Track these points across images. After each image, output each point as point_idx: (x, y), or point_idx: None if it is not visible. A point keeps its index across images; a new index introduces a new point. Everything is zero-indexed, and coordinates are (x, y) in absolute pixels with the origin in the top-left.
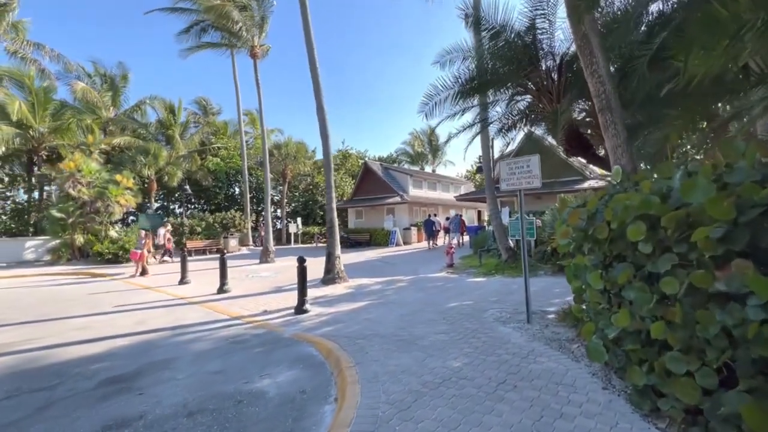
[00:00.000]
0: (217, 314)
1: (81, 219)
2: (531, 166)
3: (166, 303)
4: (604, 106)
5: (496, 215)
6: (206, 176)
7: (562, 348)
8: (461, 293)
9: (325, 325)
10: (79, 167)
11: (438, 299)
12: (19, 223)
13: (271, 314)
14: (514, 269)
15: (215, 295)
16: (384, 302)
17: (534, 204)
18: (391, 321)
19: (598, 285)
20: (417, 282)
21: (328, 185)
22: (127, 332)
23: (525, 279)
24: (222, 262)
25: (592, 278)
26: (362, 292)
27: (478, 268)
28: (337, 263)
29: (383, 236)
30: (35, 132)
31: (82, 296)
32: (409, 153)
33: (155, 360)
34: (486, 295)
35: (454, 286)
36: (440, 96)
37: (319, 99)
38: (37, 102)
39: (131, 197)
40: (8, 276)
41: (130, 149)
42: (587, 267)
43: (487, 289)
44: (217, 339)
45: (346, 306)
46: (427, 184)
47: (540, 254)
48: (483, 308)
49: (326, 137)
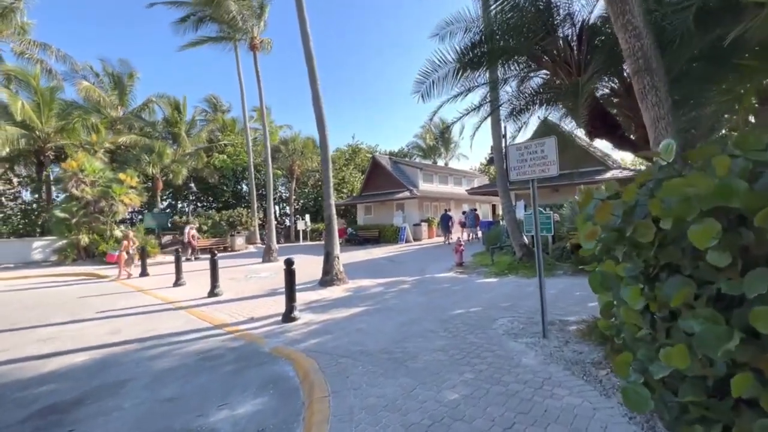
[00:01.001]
0: (199, 322)
1: (85, 219)
2: (546, 151)
3: (150, 308)
4: (641, 67)
5: (509, 209)
6: (212, 174)
7: (586, 375)
8: (468, 297)
9: (312, 336)
10: (82, 166)
11: (442, 304)
12: (27, 223)
13: (257, 322)
14: (529, 269)
15: (205, 299)
16: (382, 308)
17: (550, 197)
18: (385, 332)
19: (637, 303)
20: (422, 283)
21: (325, 179)
22: (94, 345)
23: (540, 284)
24: (213, 264)
25: (629, 294)
26: (360, 296)
27: (489, 267)
28: (336, 263)
29: (392, 233)
30: (41, 132)
31: (71, 300)
32: (421, 147)
33: (108, 382)
34: (496, 299)
35: (462, 289)
36: (439, 73)
37: (315, 88)
38: (43, 102)
39: (135, 196)
40: (8, 278)
41: (135, 148)
42: (621, 278)
43: (498, 292)
44: (186, 354)
45: (340, 312)
46: (438, 178)
47: (558, 252)
48: (492, 316)
49: (323, 127)
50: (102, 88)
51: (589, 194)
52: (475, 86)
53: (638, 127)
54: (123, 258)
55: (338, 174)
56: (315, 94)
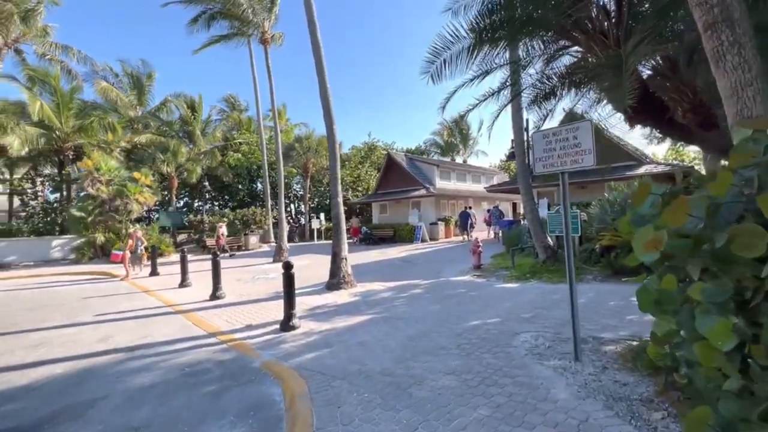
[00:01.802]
0: (195, 329)
1: (100, 218)
2: (580, 138)
3: (149, 312)
4: (717, 18)
5: (531, 207)
6: (227, 172)
7: (635, 417)
8: (487, 305)
9: (309, 349)
10: (98, 166)
11: (456, 313)
12: (47, 222)
13: (254, 330)
14: (554, 273)
15: (206, 302)
16: (389, 317)
17: (577, 194)
18: (389, 348)
19: (726, 342)
20: (436, 288)
21: (332, 174)
22: (80, 353)
23: (571, 293)
24: (215, 265)
25: (712, 328)
26: (368, 302)
27: (509, 270)
28: (344, 265)
29: (408, 232)
30: (60, 132)
31: (74, 301)
32: (439, 144)
33: (79, 400)
34: (518, 308)
35: (479, 295)
36: (452, 50)
37: (322, 78)
38: (62, 102)
39: (150, 195)
40: (22, 276)
41: (150, 147)
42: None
43: (521, 299)
44: (171, 368)
45: (344, 321)
46: (456, 175)
47: (586, 254)
48: (513, 330)
49: (330, 120)
50: (121, 88)
51: (646, 189)
52: (494, 68)
53: (687, 111)
54: (127, 257)
55: (353, 172)
56: (322, 85)
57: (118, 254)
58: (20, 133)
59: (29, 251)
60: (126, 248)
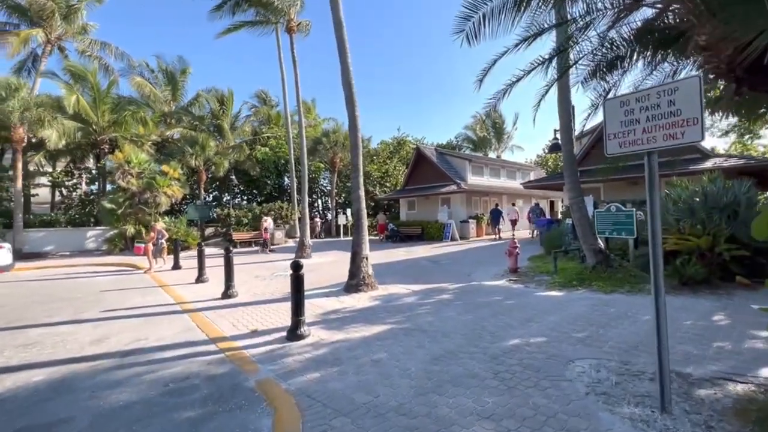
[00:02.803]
0: (196, 332)
1: (130, 210)
2: (680, 102)
3: (156, 309)
4: None
5: (578, 204)
6: (254, 166)
7: None
8: (528, 318)
9: (315, 366)
10: (129, 158)
11: (491, 327)
12: (83, 213)
13: (259, 337)
14: (607, 281)
15: (217, 301)
16: (412, 328)
17: (626, 191)
18: (408, 372)
19: None
20: (466, 294)
21: (354, 166)
22: (67, 357)
23: (657, 318)
24: (227, 261)
25: None
26: (389, 308)
27: (552, 275)
28: (364, 266)
29: (437, 230)
30: (96, 126)
31: (89, 294)
32: (471, 138)
33: (39, 422)
34: (567, 324)
35: (518, 305)
36: (493, 2)
37: (344, 60)
38: (98, 97)
39: (178, 188)
40: (55, 266)
41: (180, 140)
42: None
43: (569, 312)
44: (155, 381)
45: (359, 331)
46: (489, 171)
47: (643, 260)
48: (563, 354)
49: (353, 107)
50: (156, 83)
51: None
52: (545, 29)
53: None
54: (150, 250)
55: (381, 167)
56: (344, 68)
57: (141, 247)
58: (58, 126)
59: (66, 241)
60: (148, 241)
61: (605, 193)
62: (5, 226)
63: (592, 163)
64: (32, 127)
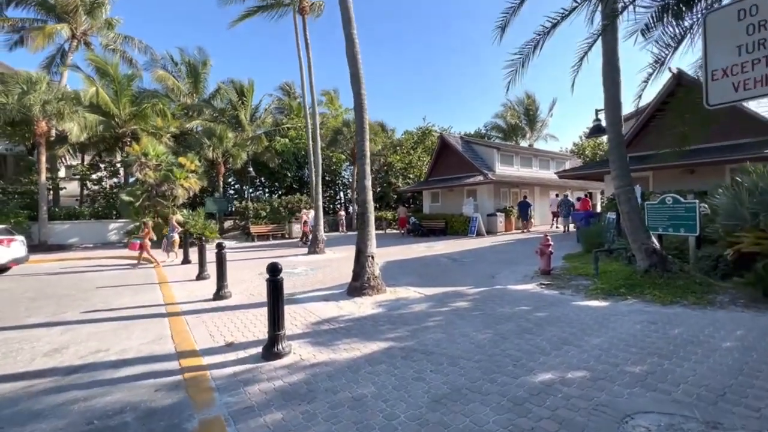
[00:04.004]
0: (164, 344)
1: (148, 202)
2: None
3: (138, 312)
4: None
5: (627, 193)
6: (273, 158)
7: None
8: (563, 340)
9: (280, 401)
10: (146, 151)
11: (515, 352)
12: (106, 206)
13: (232, 352)
14: (664, 289)
15: (207, 302)
16: (414, 349)
17: (681, 180)
18: (396, 421)
19: None
20: (488, 301)
21: (359, 151)
22: (7, 373)
23: None
24: (219, 259)
25: None
26: (393, 318)
27: (592, 279)
28: (369, 266)
29: (461, 224)
30: (118, 119)
31: (82, 291)
32: (501, 127)
33: None
34: (615, 351)
35: (550, 319)
36: None
37: (348, 31)
38: (120, 90)
39: (195, 180)
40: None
41: (198, 132)
42: None
43: (617, 332)
44: (80, 416)
45: (349, 350)
46: (520, 160)
47: (710, 263)
48: (615, 404)
49: (359, 85)
50: (179, 76)
51: None
52: None
53: None
54: (147, 246)
55: (405, 158)
56: (349, 41)
57: (136, 243)
58: (79, 119)
59: (89, 233)
60: (143, 237)
61: (655, 183)
62: (31, 219)
63: (642, 149)
64: (53, 121)
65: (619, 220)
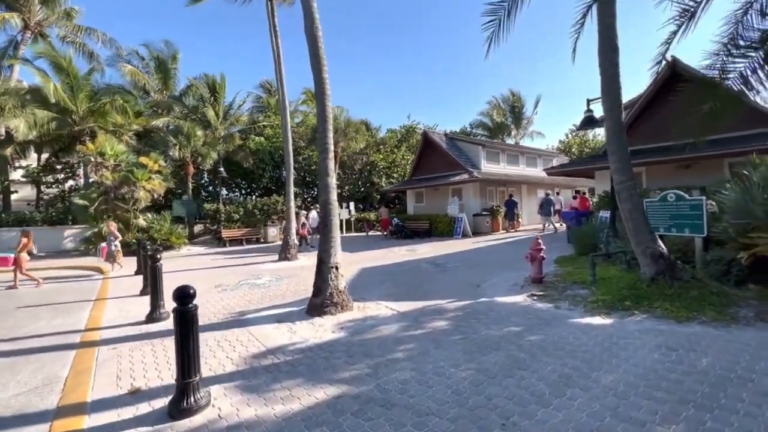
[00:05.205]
0: (47, 394)
1: (105, 206)
2: None
3: (44, 342)
4: None
5: (629, 189)
6: (248, 157)
7: None
8: (564, 378)
9: None
10: (102, 149)
11: (502, 402)
12: (59, 211)
13: (133, 405)
14: (676, 301)
15: (137, 327)
16: (371, 397)
17: (675, 176)
18: None
19: None
20: (470, 320)
21: (321, 141)
22: None
23: None
24: (153, 272)
25: None
26: (354, 347)
27: (590, 288)
28: (333, 278)
29: (446, 224)
30: (76, 116)
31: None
32: (487, 125)
33: None
34: (634, 396)
35: (547, 345)
36: None
37: (307, 4)
38: (75, 84)
39: (159, 182)
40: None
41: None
42: None
43: (630, 364)
44: None
45: (287, 400)
46: (506, 157)
47: (720, 267)
48: None
49: (319, 65)
50: (149, 72)
51: None
52: None
53: None
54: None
55: (388, 157)
56: (307, 13)
57: (9, 258)
58: (27, 116)
59: (41, 241)
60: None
61: (648, 179)
62: None
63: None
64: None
65: (614, 219)
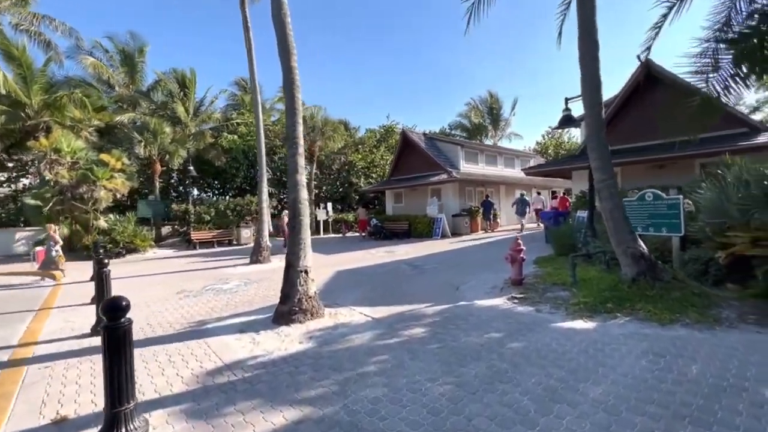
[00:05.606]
0: None
1: (60, 207)
2: None
3: None
4: None
5: (610, 188)
6: (220, 156)
7: None
8: (550, 394)
9: None
10: (57, 146)
11: (483, 424)
12: (10, 212)
13: None
14: (658, 303)
15: (77, 341)
16: (337, 422)
17: (649, 176)
18: None
19: None
20: (449, 326)
21: (290, 137)
22: None
23: None
24: (100, 278)
25: None
26: (323, 359)
27: (570, 290)
28: (302, 283)
29: (425, 225)
30: (30, 109)
31: None
32: (465, 126)
33: None
34: (627, 410)
35: (529, 353)
36: None
37: None
38: (30, 76)
39: (122, 181)
40: None
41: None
42: None
43: (618, 373)
44: None
45: (240, 428)
46: (485, 158)
47: (698, 267)
48: None
49: (288, 53)
50: (113, 66)
51: None
52: None
53: None
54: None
55: (367, 157)
56: None
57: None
58: None
59: None
60: None
61: (623, 179)
62: None
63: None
64: None
65: (592, 219)
